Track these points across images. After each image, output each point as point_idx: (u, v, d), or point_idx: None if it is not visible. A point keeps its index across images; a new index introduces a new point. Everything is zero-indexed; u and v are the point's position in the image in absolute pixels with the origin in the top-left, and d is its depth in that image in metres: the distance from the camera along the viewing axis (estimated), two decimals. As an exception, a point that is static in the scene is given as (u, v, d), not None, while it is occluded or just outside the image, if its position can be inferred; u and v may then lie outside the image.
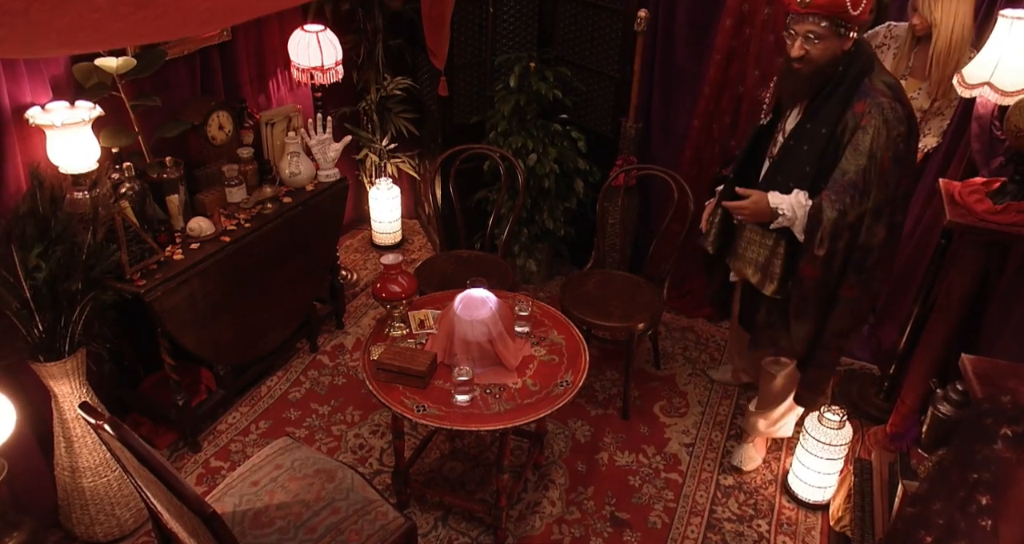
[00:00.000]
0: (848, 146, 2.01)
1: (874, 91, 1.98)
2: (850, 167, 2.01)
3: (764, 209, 2.16)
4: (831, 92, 2.04)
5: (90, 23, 0.39)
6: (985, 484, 1.33)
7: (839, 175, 2.03)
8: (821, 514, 2.57)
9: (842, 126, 2.02)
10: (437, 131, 3.71)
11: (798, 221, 2.12)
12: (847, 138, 2.01)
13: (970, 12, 2.57)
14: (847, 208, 2.01)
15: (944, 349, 2.50)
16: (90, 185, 2.24)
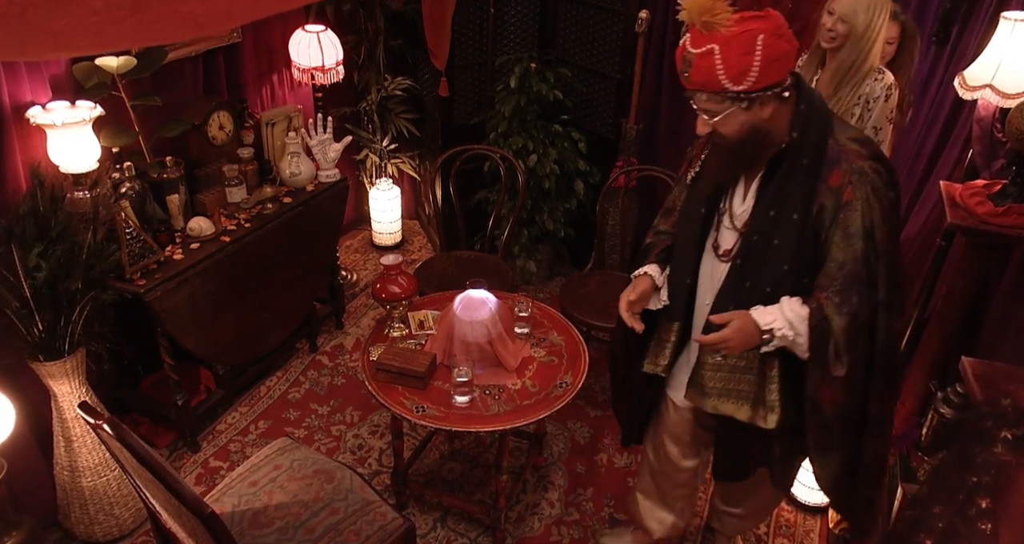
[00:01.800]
0: (834, 230, 1.55)
1: (846, 154, 1.54)
2: (846, 256, 1.55)
3: (752, 333, 1.61)
4: (791, 168, 1.57)
5: (86, 26, 0.39)
6: (985, 487, 1.33)
7: (834, 268, 1.56)
8: (820, 517, 2.57)
9: (818, 206, 1.56)
10: (437, 132, 3.71)
11: (800, 338, 1.59)
12: (829, 220, 1.55)
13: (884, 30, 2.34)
14: (857, 309, 1.55)
15: (944, 351, 2.50)
16: (90, 185, 2.24)
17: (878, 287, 1.57)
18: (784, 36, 1.47)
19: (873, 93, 2.41)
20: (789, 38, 1.48)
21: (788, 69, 1.52)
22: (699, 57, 1.45)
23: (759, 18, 1.45)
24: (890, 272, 1.58)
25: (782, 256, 1.61)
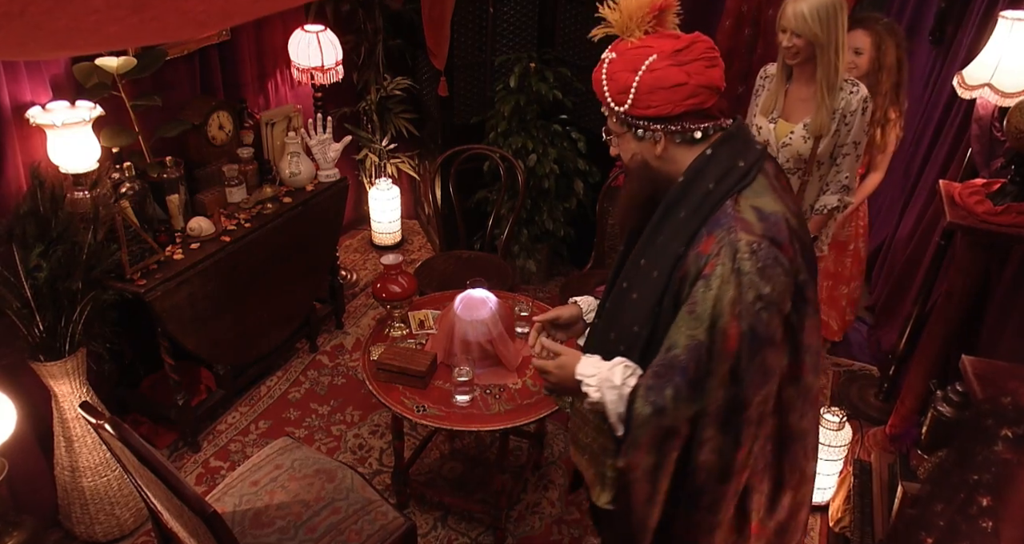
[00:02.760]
0: (685, 305, 1.26)
1: (734, 222, 1.23)
2: (678, 339, 1.25)
3: (570, 377, 1.41)
4: (664, 217, 1.33)
5: (87, 25, 0.39)
6: (985, 486, 1.33)
7: (664, 349, 1.28)
8: (820, 515, 2.57)
9: (682, 272, 1.27)
10: (437, 131, 3.71)
11: (609, 406, 1.34)
12: (686, 293, 1.26)
13: (844, 34, 2.26)
14: (666, 406, 1.25)
15: (944, 350, 2.50)
16: (90, 185, 2.24)
17: (707, 394, 1.24)
18: (684, 65, 1.24)
19: (849, 106, 2.34)
20: (694, 71, 1.24)
21: (680, 103, 1.25)
22: (600, 63, 1.33)
23: (667, 38, 1.27)
24: (724, 382, 1.23)
25: (636, 315, 1.36)
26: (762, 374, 1.26)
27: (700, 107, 1.27)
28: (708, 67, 1.26)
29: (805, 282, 1.30)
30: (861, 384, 3.15)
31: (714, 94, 1.28)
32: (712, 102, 1.29)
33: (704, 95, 1.26)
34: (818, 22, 2.20)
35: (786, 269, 1.23)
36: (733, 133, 1.31)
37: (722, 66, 1.30)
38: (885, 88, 2.66)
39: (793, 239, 1.26)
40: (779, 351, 1.28)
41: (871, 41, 2.64)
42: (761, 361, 1.24)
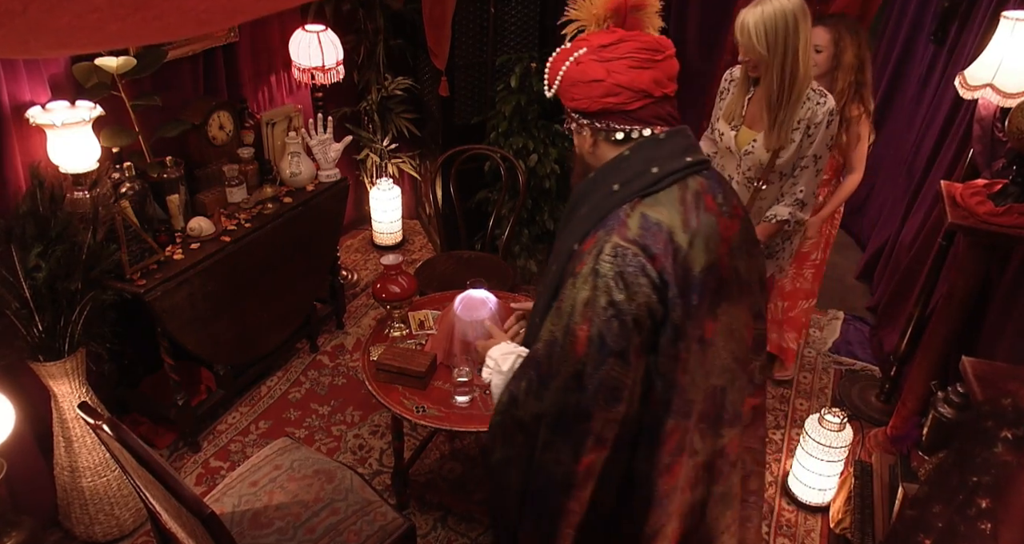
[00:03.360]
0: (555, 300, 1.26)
1: (616, 224, 1.19)
2: (543, 333, 1.24)
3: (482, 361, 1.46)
4: (569, 214, 1.34)
5: (88, 24, 0.38)
6: (985, 487, 1.33)
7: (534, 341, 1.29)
8: (821, 516, 2.57)
9: (569, 267, 1.26)
10: (438, 131, 3.71)
11: (493, 390, 1.40)
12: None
13: (806, 45, 2.15)
14: (519, 397, 1.26)
15: (945, 351, 2.50)
16: (90, 185, 2.24)
17: (551, 393, 1.21)
18: (606, 62, 1.20)
19: (814, 118, 2.25)
20: (615, 69, 1.20)
21: (597, 99, 1.22)
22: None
23: (607, 34, 1.25)
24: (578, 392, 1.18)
25: (539, 308, 1.37)
26: (609, 390, 1.17)
27: (622, 108, 1.22)
28: (632, 67, 1.20)
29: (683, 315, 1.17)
30: (862, 385, 3.15)
31: (640, 96, 1.21)
32: (640, 105, 1.22)
33: (626, 96, 1.21)
34: (762, 39, 2.12)
35: (652, 282, 1.15)
36: (659, 140, 1.24)
37: (662, 70, 1.22)
38: (841, 86, 2.59)
39: (675, 257, 1.17)
40: (630, 369, 1.17)
41: (830, 38, 2.57)
42: (607, 373, 1.16)
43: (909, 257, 3.28)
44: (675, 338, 1.19)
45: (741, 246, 1.29)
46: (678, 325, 1.18)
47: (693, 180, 1.25)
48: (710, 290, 1.22)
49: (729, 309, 1.26)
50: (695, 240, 1.20)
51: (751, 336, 1.35)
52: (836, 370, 3.29)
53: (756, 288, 1.35)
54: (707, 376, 1.26)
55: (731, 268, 1.26)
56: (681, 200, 1.22)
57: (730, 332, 1.27)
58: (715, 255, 1.22)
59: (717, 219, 1.24)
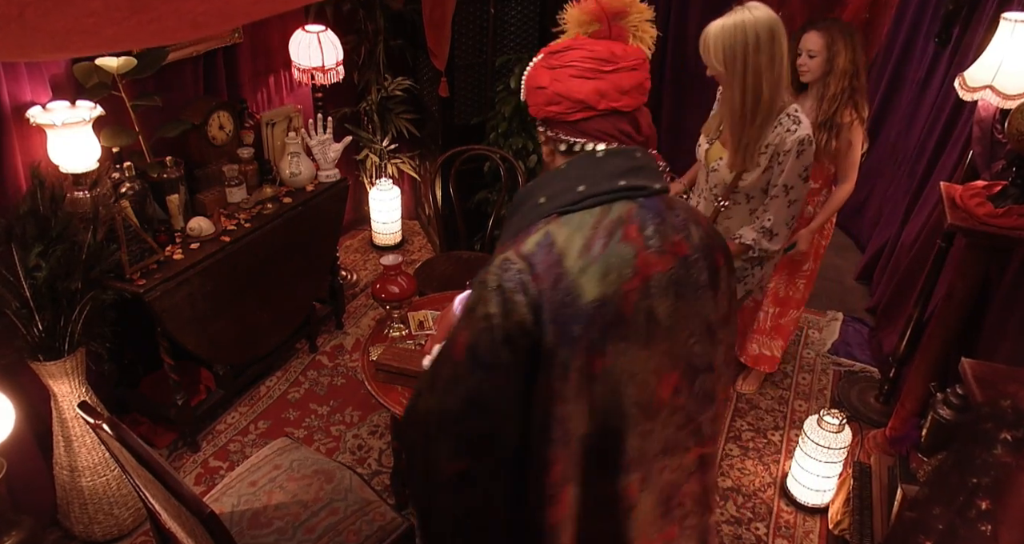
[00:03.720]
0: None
1: (522, 238, 1.15)
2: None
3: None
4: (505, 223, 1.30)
5: (85, 27, 0.38)
6: (984, 489, 1.33)
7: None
8: (820, 518, 2.57)
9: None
10: (438, 132, 3.71)
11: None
12: None
13: (775, 64, 2.03)
14: (421, 388, 1.25)
15: (944, 353, 2.50)
16: (90, 185, 2.24)
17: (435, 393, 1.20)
18: (552, 69, 1.17)
19: (782, 145, 2.12)
20: (558, 77, 1.16)
21: (541, 107, 1.20)
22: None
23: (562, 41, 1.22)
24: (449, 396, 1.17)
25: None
26: (476, 401, 1.14)
27: (563, 118, 1.18)
28: (574, 76, 1.15)
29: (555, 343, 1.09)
30: (861, 386, 3.15)
31: (580, 108, 1.16)
32: (580, 116, 1.17)
33: (565, 105, 1.16)
34: (719, 55, 2.05)
35: (531, 301, 1.09)
36: (597, 158, 1.17)
37: (610, 82, 1.15)
38: (834, 91, 2.51)
39: (556, 281, 1.09)
40: (500, 386, 1.13)
41: (823, 43, 2.50)
42: (476, 384, 1.13)
43: (909, 258, 3.28)
44: (547, 365, 1.11)
45: (668, 287, 1.15)
46: (550, 351, 1.10)
47: (621, 205, 1.14)
48: (600, 324, 1.10)
49: (629, 350, 1.14)
50: (589, 268, 1.10)
51: (670, 388, 1.21)
52: (835, 371, 3.29)
53: (686, 337, 1.20)
54: (597, 414, 1.16)
55: (641, 308, 1.13)
56: (595, 224, 1.13)
57: (630, 376, 1.15)
58: (615, 289, 1.10)
59: (637, 252, 1.12)
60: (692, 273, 1.18)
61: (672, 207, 1.20)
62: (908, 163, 3.75)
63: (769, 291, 2.94)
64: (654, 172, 1.20)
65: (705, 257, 1.21)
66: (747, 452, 2.84)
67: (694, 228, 1.21)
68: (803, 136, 2.12)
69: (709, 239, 1.23)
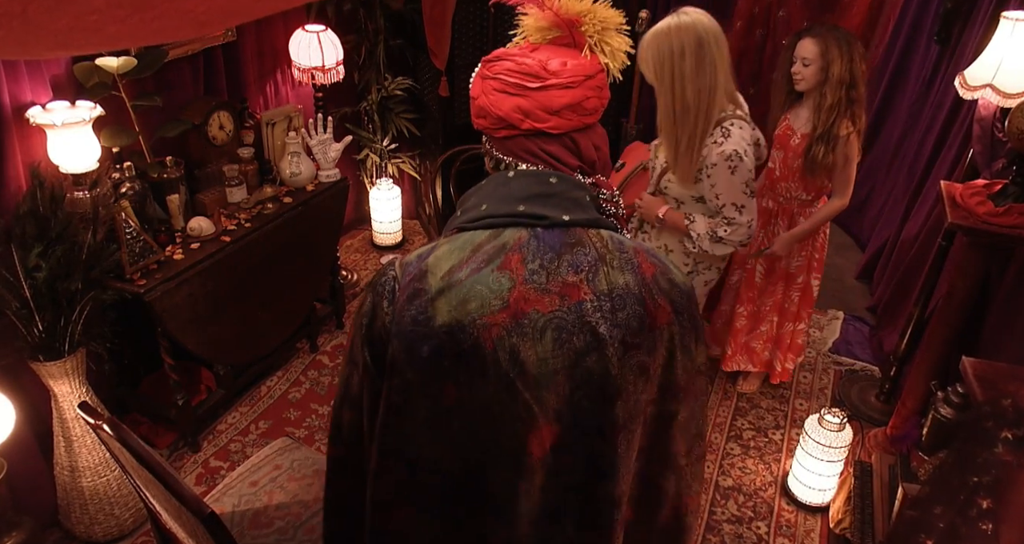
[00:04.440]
0: None
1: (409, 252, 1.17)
2: None
3: None
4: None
5: (87, 25, 0.38)
6: (985, 488, 1.33)
7: None
8: (821, 516, 2.57)
9: None
10: (438, 131, 3.71)
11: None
12: None
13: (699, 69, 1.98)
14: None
15: (945, 351, 2.50)
16: (90, 185, 2.24)
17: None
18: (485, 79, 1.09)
19: (709, 157, 2.11)
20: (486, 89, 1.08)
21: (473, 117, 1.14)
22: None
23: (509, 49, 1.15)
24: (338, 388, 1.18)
25: None
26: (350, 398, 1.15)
27: (490, 133, 1.11)
28: (497, 90, 1.06)
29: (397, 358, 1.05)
30: (862, 385, 3.15)
31: (502, 125, 1.07)
32: (504, 134, 1.09)
33: (489, 120, 1.08)
34: (648, 62, 2.01)
35: (392, 307, 1.06)
36: (508, 178, 1.09)
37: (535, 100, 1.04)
38: (831, 101, 2.42)
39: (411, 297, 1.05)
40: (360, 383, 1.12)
41: (818, 51, 2.42)
42: (348, 376, 1.15)
43: (909, 257, 3.28)
44: (389, 375, 1.06)
45: (542, 331, 1.02)
46: (391, 365, 1.06)
47: (512, 232, 1.05)
48: (451, 351, 1.02)
49: (486, 388, 1.03)
50: (448, 292, 1.03)
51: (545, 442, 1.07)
52: (836, 370, 3.30)
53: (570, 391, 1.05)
54: (453, 443, 1.09)
55: (505, 346, 1.01)
56: (476, 247, 1.05)
57: (491, 416, 1.05)
58: (473, 318, 1.01)
59: (512, 285, 1.02)
60: (587, 322, 1.02)
61: (582, 245, 1.05)
62: (908, 162, 3.75)
63: (774, 302, 2.91)
64: (570, 201, 1.06)
65: (620, 308, 1.04)
66: (748, 451, 2.84)
67: (614, 273, 1.04)
68: (729, 152, 2.06)
69: (645, 291, 1.06)
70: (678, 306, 1.09)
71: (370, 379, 1.10)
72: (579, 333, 1.02)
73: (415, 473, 1.11)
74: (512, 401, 1.04)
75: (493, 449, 1.08)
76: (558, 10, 1.09)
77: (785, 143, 2.63)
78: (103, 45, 0.44)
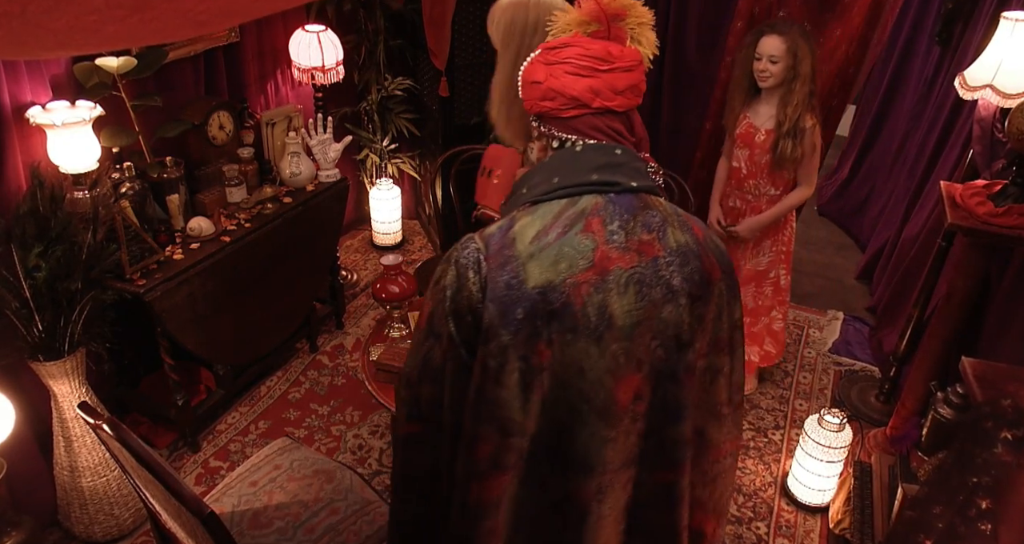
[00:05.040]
0: None
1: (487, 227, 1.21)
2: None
3: None
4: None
5: (86, 25, 0.38)
6: (985, 488, 1.33)
7: None
8: (820, 517, 2.57)
9: None
10: (438, 131, 3.71)
11: None
12: None
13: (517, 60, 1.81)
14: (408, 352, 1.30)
15: (944, 352, 2.50)
16: (90, 185, 2.24)
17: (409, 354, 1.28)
18: (549, 65, 1.18)
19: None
20: (553, 73, 1.17)
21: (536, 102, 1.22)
22: None
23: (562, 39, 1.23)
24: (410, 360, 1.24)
25: None
26: (424, 366, 1.20)
27: (557, 114, 1.19)
28: (569, 73, 1.16)
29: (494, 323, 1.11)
30: (862, 385, 3.15)
31: (574, 105, 1.17)
32: (574, 113, 1.18)
33: (559, 102, 1.17)
34: (499, 29, 2.00)
35: (480, 279, 1.12)
36: (576, 152, 1.19)
37: (604, 81, 1.16)
38: (799, 98, 2.48)
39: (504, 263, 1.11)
40: (444, 355, 1.17)
41: (786, 48, 2.46)
42: (426, 351, 1.20)
43: (909, 258, 3.28)
44: (483, 342, 1.13)
45: (626, 285, 1.12)
46: (486, 330, 1.12)
47: (588, 199, 1.15)
48: (546, 311, 1.10)
49: (577, 343, 1.12)
50: (539, 254, 1.11)
51: (630, 392, 1.17)
52: (836, 371, 3.30)
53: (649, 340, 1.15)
54: (543, 403, 1.16)
55: (594, 302, 1.10)
56: (557, 214, 1.14)
57: (579, 371, 1.14)
58: (564, 278, 1.10)
59: (596, 245, 1.11)
60: (661, 275, 1.14)
61: (650, 208, 1.17)
62: (909, 162, 3.75)
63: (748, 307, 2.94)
64: (634, 170, 1.18)
65: (686, 264, 1.16)
66: (748, 451, 2.84)
67: (677, 233, 1.17)
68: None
69: (701, 249, 1.18)
70: (724, 266, 1.22)
71: (454, 350, 1.16)
72: (656, 286, 1.14)
73: (507, 438, 1.17)
74: (601, 355, 1.13)
75: (581, 405, 1.16)
76: (604, 5, 1.20)
77: (749, 141, 2.68)
78: (102, 45, 0.44)
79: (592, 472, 1.20)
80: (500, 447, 1.18)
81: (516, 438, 1.17)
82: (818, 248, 4.31)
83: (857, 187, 4.44)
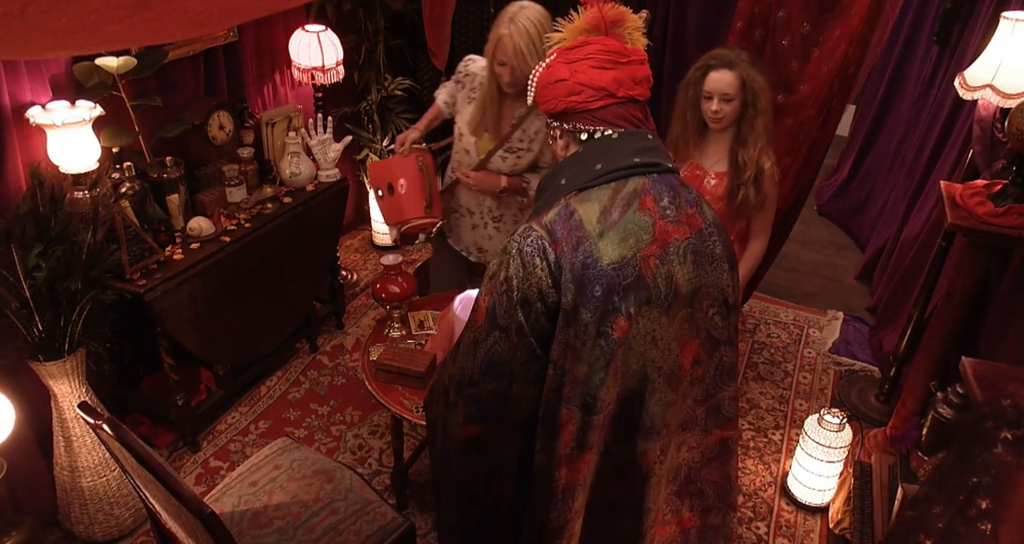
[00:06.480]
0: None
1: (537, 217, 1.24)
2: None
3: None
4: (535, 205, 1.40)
5: (86, 25, 0.39)
6: (985, 488, 1.33)
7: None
8: (820, 517, 2.57)
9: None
10: (438, 131, 3.71)
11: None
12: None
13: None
14: (447, 358, 1.37)
15: (944, 352, 2.50)
16: (90, 185, 2.24)
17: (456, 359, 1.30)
18: (571, 63, 1.25)
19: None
20: (578, 68, 1.24)
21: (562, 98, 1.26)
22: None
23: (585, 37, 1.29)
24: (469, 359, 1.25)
25: None
26: (491, 362, 1.22)
27: (585, 106, 1.25)
28: (594, 67, 1.23)
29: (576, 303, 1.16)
30: (862, 385, 3.15)
31: (602, 95, 1.24)
32: (601, 104, 1.25)
33: (587, 94, 1.24)
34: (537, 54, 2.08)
35: (548, 265, 1.17)
36: (612, 139, 1.26)
37: (626, 72, 1.24)
38: (761, 137, 2.14)
39: (577, 244, 1.16)
40: (512, 347, 1.20)
41: (738, 84, 2.11)
42: (491, 345, 1.22)
43: (909, 258, 3.28)
44: (565, 324, 1.17)
45: (684, 255, 1.23)
46: (568, 312, 1.17)
47: (635, 180, 1.23)
48: (622, 286, 1.17)
49: (651, 314, 1.20)
50: (608, 232, 1.18)
51: (691, 356, 1.27)
52: (836, 371, 3.30)
53: (707, 307, 1.27)
54: (617, 375, 1.22)
55: (661, 273, 1.20)
56: (612, 196, 1.21)
57: (652, 340, 1.21)
58: (634, 252, 1.18)
59: (654, 220, 1.21)
60: (708, 245, 1.27)
61: (684, 185, 1.29)
62: (908, 162, 3.75)
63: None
64: (664, 153, 1.29)
65: (721, 233, 1.29)
66: (748, 451, 2.84)
67: (705, 206, 1.30)
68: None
69: (718, 219, 1.32)
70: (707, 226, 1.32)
71: (523, 339, 1.20)
72: (707, 254, 1.26)
73: (590, 415, 1.22)
74: (671, 323, 1.23)
75: (653, 373, 1.23)
76: (604, 12, 1.28)
77: (697, 186, 2.25)
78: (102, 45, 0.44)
79: (659, 436, 1.28)
80: (584, 426, 1.23)
81: (597, 415, 1.23)
82: (818, 248, 4.31)
83: (857, 187, 4.44)
